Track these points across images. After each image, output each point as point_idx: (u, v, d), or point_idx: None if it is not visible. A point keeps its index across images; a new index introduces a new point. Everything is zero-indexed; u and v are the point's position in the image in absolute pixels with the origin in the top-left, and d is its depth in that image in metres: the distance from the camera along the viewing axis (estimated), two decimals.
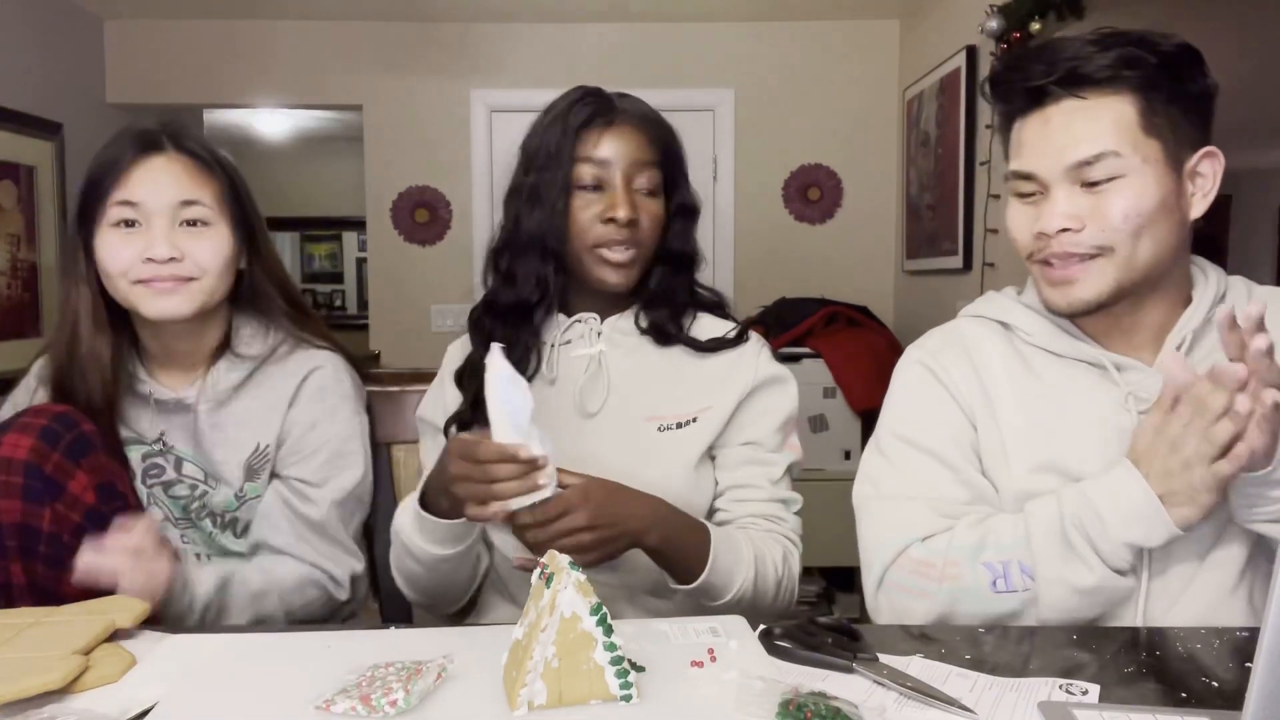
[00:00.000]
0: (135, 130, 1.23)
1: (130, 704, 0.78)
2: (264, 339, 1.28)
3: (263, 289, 1.29)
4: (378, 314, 4.23)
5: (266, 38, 4.07)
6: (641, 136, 1.20)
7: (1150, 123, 1.00)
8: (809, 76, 4.11)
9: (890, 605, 1.07)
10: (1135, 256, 1.01)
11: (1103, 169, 1.00)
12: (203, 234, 1.21)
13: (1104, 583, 0.97)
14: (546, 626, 0.75)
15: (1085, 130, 1.00)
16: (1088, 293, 1.03)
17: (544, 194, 1.19)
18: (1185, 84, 1.01)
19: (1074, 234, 1.01)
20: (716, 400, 1.22)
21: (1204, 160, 1.03)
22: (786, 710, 0.72)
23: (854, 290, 3.96)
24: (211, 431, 1.25)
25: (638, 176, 1.20)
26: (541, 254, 1.20)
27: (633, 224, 1.18)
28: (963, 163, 3.25)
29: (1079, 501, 0.98)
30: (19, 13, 3.43)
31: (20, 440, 1.09)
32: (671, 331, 1.25)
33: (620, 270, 1.20)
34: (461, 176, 4.11)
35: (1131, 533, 0.95)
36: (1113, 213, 1.00)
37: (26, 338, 3.41)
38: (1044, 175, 1.03)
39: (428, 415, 1.29)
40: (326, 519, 1.26)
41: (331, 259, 7.32)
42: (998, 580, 1.01)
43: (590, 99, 1.21)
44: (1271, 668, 0.56)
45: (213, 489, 1.27)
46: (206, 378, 1.26)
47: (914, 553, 1.06)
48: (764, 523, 1.22)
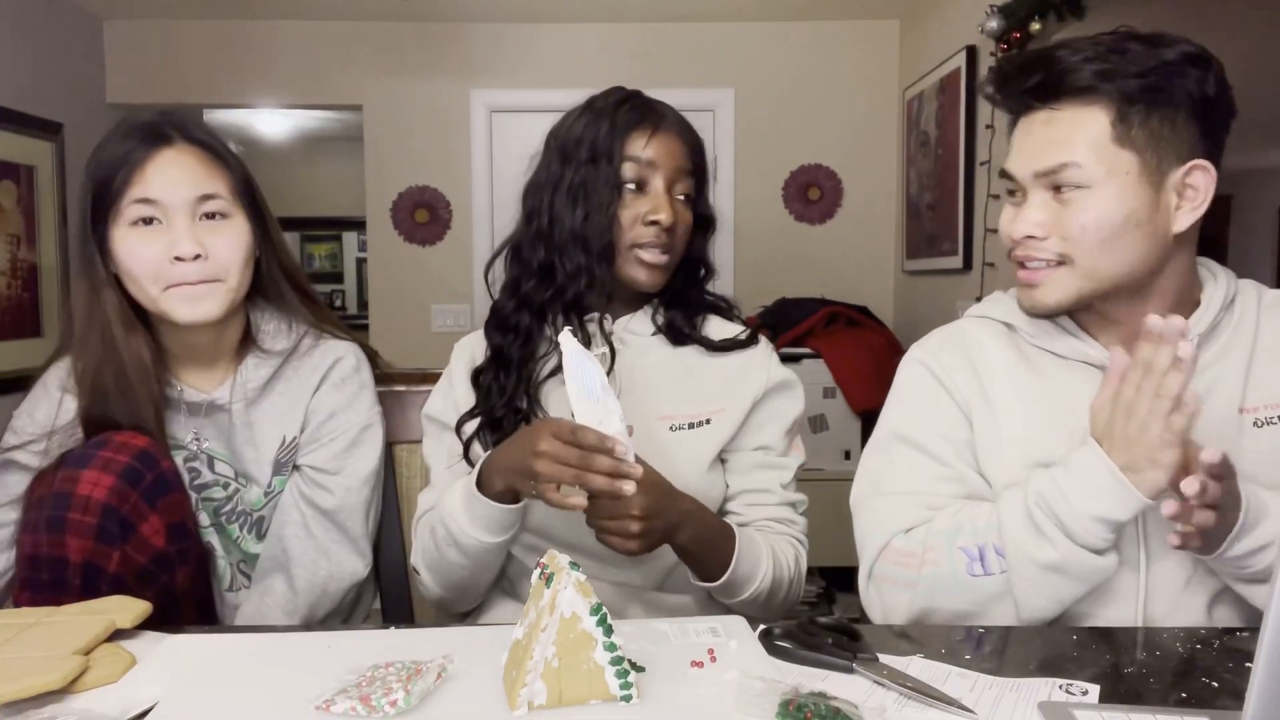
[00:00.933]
0: (139, 124, 1.18)
1: (130, 704, 0.77)
2: (287, 334, 1.27)
3: (278, 281, 1.28)
4: (378, 314, 4.23)
5: (266, 38, 4.07)
6: (683, 144, 1.22)
7: (1124, 135, 0.99)
8: (809, 76, 4.11)
9: (879, 597, 1.09)
10: (1098, 269, 1.01)
11: (1065, 178, 1.00)
12: (223, 227, 1.19)
13: (1070, 558, 0.97)
14: (546, 626, 0.75)
15: (1052, 139, 1.01)
16: (1049, 298, 1.04)
17: (590, 190, 1.19)
18: (1175, 94, 0.99)
19: (1038, 241, 1.03)
20: (729, 403, 1.24)
21: (1194, 173, 1.01)
22: (786, 710, 0.72)
23: (854, 290, 3.96)
24: (245, 429, 1.24)
25: (678, 183, 1.21)
26: (585, 248, 1.19)
27: (671, 229, 1.19)
28: (963, 163, 3.25)
29: (1044, 481, 0.99)
30: (19, 13, 3.43)
31: (101, 479, 1.08)
32: (686, 331, 1.26)
33: (654, 271, 1.21)
34: (461, 176, 4.11)
35: (1098, 506, 0.95)
36: (1072, 224, 1.01)
37: (26, 338, 3.42)
38: (1020, 179, 1.05)
39: (435, 413, 1.28)
40: (340, 506, 1.25)
41: (331, 259, 7.33)
42: (973, 563, 1.02)
43: (637, 100, 1.23)
44: (1271, 668, 0.56)
45: (244, 488, 1.26)
46: (236, 376, 1.24)
47: (897, 544, 1.08)
48: (777, 525, 1.24)
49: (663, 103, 1.26)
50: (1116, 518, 0.95)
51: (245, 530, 1.27)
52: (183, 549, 1.18)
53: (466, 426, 1.23)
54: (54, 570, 1.06)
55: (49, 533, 1.06)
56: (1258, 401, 1.04)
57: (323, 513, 1.25)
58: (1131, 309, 1.05)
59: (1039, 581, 0.98)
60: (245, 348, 1.26)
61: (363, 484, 1.27)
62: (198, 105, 4.24)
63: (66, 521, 1.06)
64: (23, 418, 1.22)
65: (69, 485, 1.07)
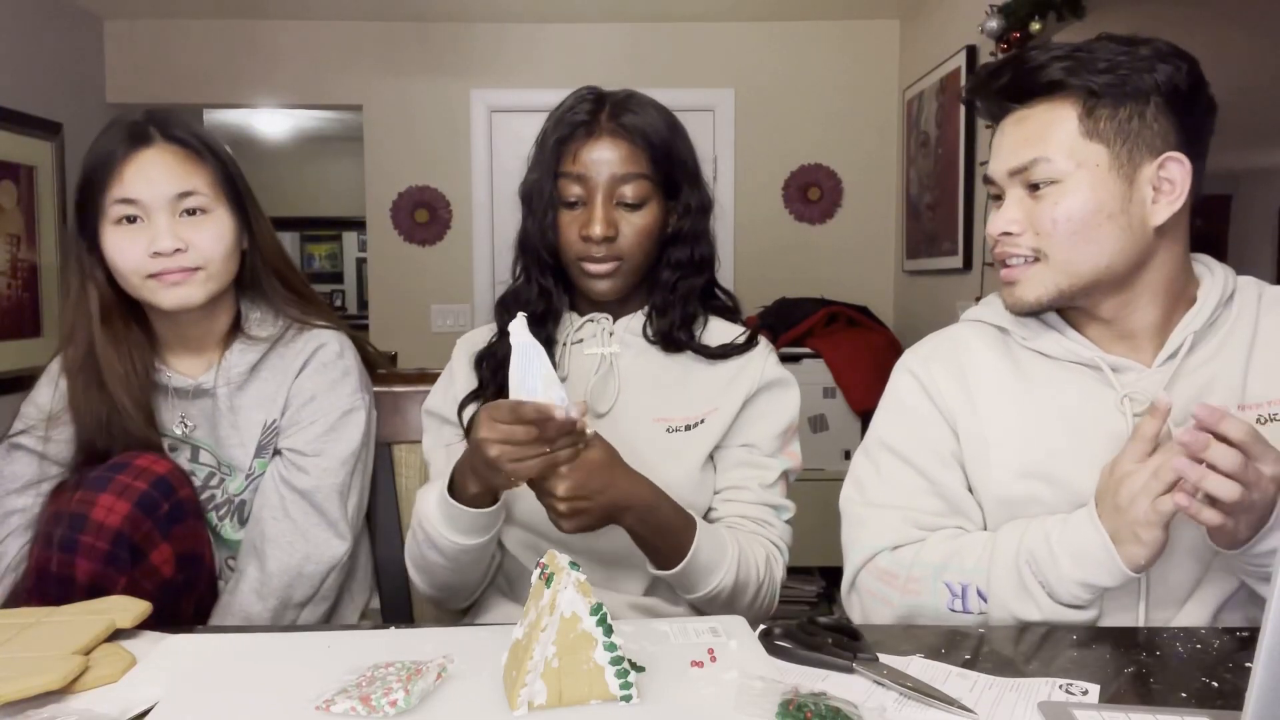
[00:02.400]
0: (123, 124, 1.23)
1: (130, 704, 0.77)
2: (273, 321, 1.30)
3: (263, 271, 1.30)
4: (378, 314, 4.23)
5: (266, 38, 4.07)
6: (626, 147, 1.18)
7: (1092, 128, 1.00)
8: (809, 76, 4.11)
9: (860, 606, 1.11)
10: (1073, 262, 1.02)
11: (1037, 174, 1.01)
12: (203, 223, 1.22)
13: (1051, 617, 0.99)
14: (546, 626, 0.75)
15: (1025, 138, 1.03)
16: (1029, 294, 1.05)
17: (535, 206, 1.22)
18: (1144, 86, 0.99)
19: (1014, 238, 1.04)
20: (723, 402, 1.23)
21: (1168, 164, 1.00)
22: (786, 710, 0.72)
23: (854, 290, 3.96)
24: (229, 415, 1.27)
25: (620, 188, 1.18)
26: (539, 262, 1.23)
27: (609, 240, 1.18)
28: (963, 163, 3.25)
29: (1037, 539, 1.00)
30: (19, 13, 3.43)
31: (116, 505, 1.10)
32: (681, 339, 1.24)
33: (603, 280, 1.20)
34: (461, 176, 4.11)
35: (1084, 573, 0.96)
36: (1044, 218, 1.02)
37: (26, 338, 3.42)
38: (997, 180, 1.07)
39: (435, 408, 1.29)
40: (317, 487, 1.26)
41: (331, 259, 7.33)
42: (955, 600, 1.03)
43: (581, 107, 1.20)
44: (1271, 668, 0.56)
45: (228, 475, 1.28)
46: (222, 361, 1.27)
47: (881, 561, 1.09)
48: (749, 524, 1.22)
49: (630, 95, 1.22)
50: (1102, 584, 0.96)
51: (227, 519, 1.28)
52: (190, 578, 1.21)
53: (468, 410, 1.23)
54: (62, 587, 1.08)
55: (60, 551, 1.09)
56: (1259, 398, 1.04)
57: (300, 494, 1.25)
58: (1119, 305, 1.05)
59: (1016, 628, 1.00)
60: (233, 336, 1.29)
61: (340, 465, 1.28)
62: (198, 105, 4.24)
63: (79, 544, 1.08)
64: (29, 404, 1.28)
65: (84, 508, 1.09)
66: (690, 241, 1.24)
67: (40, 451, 1.23)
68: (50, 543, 1.10)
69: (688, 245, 1.24)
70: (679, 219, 1.24)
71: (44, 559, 1.10)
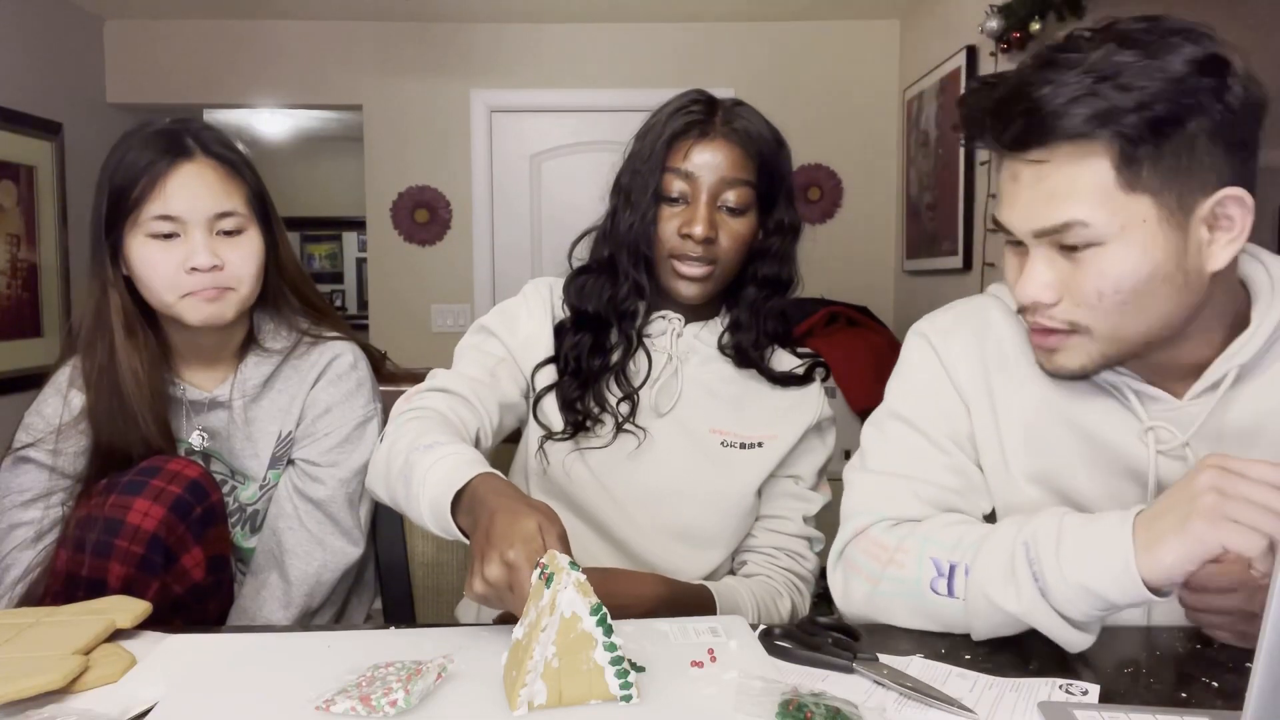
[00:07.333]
0: (160, 132, 1.20)
1: (130, 704, 0.77)
2: (286, 333, 1.30)
3: (281, 285, 1.30)
4: (378, 314, 4.23)
5: (266, 38, 4.07)
6: (736, 152, 1.19)
7: (1133, 178, 0.82)
8: (809, 76, 4.11)
9: (844, 580, 1.01)
10: (1121, 331, 0.88)
11: (1072, 238, 0.85)
12: (239, 242, 1.22)
13: (1031, 615, 0.85)
14: (546, 626, 0.74)
15: (1049, 194, 0.85)
16: (1072, 363, 0.91)
17: (635, 199, 1.21)
18: (1189, 119, 0.81)
19: (1048, 307, 0.89)
20: (782, 430, 1.25)
21: (1225, 202, 0.84)
22: (786, 710, 0.72)
23: (854, 290, 3.96)
24: (244, 427, 1.27)
25: (725, 193, 1.19)
26: (632, 256, 1.22)
27: (709, 241, 1.18)
28: (963, 163, 3.25)
29: (1048, 523, 0.86)
30: (19, 13, 3.43)
31: (152, 510, 1.09)
32: (754, 358, 1.26)
33: (693, 284, 1.21)
34: (461, 176, 4.11)
35: (1086, 574, 0.82)
36: (1086, 288, 0.86)
37: (26, 338, 3.42)
38: (1018, 234, 0.90)
39: (492, 325, 1.27)
40: (331, 497, 1.27)
41: (331, 259, 7.32)
42: (938, 580, 0.91)
43: (695, 107, 1.21)
44: (1271, 668, 0.56)
45: (240, 484, 1.28)
46: (237, 374, 1.27)
47: (875, 533, 0.99)
48: (784, 557, 1.25)
49: (738, 104, 1.23)
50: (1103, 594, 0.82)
51: (238, 527, 1.29)
52: (218, 580, 1.21)
53: (542, 373, 1.23)
54: (91, 591, 1.07)
55: (94, 556, 1.08)
56: None
57: (315, 504, 1.26)
58: (1166, 348, 0.92)
59: (994, 619, 0.89)
60: (247, 348, 1.29)
61: (354, 475, 1.29)
62: (198, 105, 4.24)
63: (113, 548, 1.08)
64: (34, 415, 1.25)
65: (120, 512, 1.09)
66: (779, 260, 1.25)
67: (50, 464, 1.20)
68: (81, 547, 1.08)
69: (776, 263, 1.25)
70: (769, 235, 1.24)
71: (74, 564, 1.09)
